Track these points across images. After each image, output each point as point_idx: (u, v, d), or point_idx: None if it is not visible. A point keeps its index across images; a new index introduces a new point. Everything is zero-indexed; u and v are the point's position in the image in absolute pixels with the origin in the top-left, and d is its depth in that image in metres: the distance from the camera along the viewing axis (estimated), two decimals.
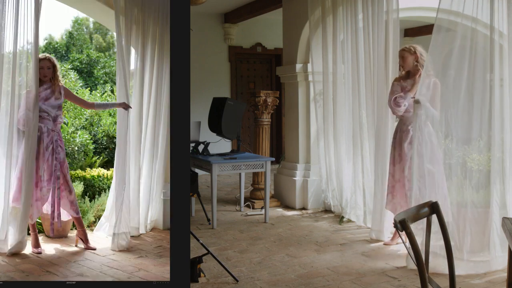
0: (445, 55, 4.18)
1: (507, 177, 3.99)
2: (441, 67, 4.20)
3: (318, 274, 4.00)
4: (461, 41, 4.07)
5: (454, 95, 4.16)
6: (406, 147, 4.54)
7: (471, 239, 4.07)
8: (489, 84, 4.00)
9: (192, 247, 4.10)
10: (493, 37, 3.98)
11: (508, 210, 3.96)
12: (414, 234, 2.04)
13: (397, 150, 4.63)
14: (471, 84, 4.08)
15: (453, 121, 4.15)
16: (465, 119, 4.12)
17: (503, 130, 4.00)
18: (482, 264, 3.97)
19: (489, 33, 4.00)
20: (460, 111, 4.12)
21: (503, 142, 4.00)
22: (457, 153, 4.15)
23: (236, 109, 5.91)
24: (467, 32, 4.04)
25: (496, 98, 4.00)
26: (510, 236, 2.58)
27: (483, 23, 4.03)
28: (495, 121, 3.99)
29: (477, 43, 4.04)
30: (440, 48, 4.16)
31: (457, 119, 4.13)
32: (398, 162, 4.62)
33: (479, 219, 4.07)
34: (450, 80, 4.19)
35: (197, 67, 9.02)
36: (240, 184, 6.44)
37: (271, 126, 7.60)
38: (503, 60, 3.99)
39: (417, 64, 4.50)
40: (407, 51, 4.54)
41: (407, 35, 10.73)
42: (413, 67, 4.53)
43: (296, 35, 6.52)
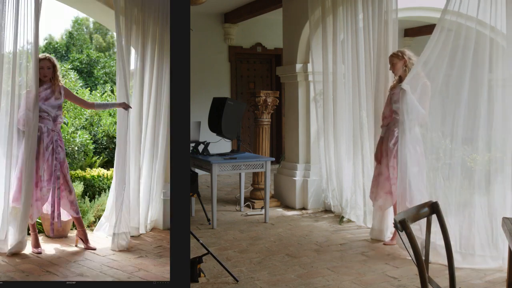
0: (445, 55, 4.18)
1: (507, 177, 3.99)
2: (441, 67, 4.20)
3: (318, 274, 4.00)
4: (461, 41, 4.08)
5: (454, 95, 4.17)
6: (391, 146, 4.63)
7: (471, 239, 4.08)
8: (489, 84, 4.00)
9: (192, 247, 4.10)
10: (493, 37, 3.98)
11: (507, 210, 3.96)
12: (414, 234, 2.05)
13: (384, 146, 4.72)
14: (471, 84, 4.09)
15: (453, 121, 4.16)
16: (465, 119, 4.12)
17: (503, 130, 4.00)
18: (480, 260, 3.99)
19: (488, 33, 4.00)
20: (460, 111, 4.13)
21: (503, 142, 4.00)
22: (457, 153, 4.15)
23: (236, 109, 5.91)
24: (467, 32, 4.05)
25: (496, 98, 4.00)
26: (510, 236, 2.58)
27: (483, 22, 4.03)
28: (495, 121, 3.99)
29: (477, 43, 4.04)
30: (441, 48, 4.17)
31: (457, 119, 4.14)
32: (384, 157, 4.71)
33: (479, 219, 4.08)
34: (450, 80, 4.20)
35: (197, 67, 9.02)
36: (240, 184, 6.44)
37: (271, 126, 7.60)
38: (503, 60, 3.99)
39: (406, 68, 4.58)
40: (395, 56, 4.64)
41: (407, 35, 10.73)
42: (402, 72, 4.61)
43: (296, 35, 6.52)
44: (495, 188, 4.02)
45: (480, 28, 4.04)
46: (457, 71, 4.12)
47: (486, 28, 4.01)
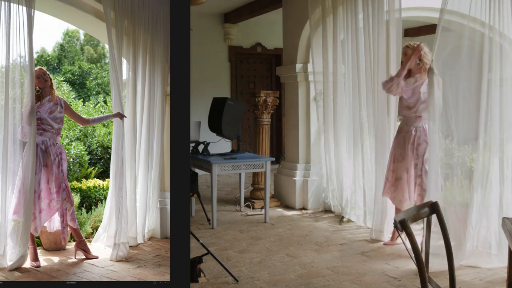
0: (445, 55, 4.18)
1: (506, 177, 3.99)
2: (441, 67, 4.20)
3: (318, 274, 4.00)
4: (460, 41, 4.07)
5: (454, 95, 4.17)
6: (409, 148, 4.52)
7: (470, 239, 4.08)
8: (488, 84, 4.00)
9: (192, 247, 4.10)
10: (493, 37, 3.98)
11: (507, 210, 3.96)
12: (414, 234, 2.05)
13: (399, 149, 4.62)
14: (471, 84, 4.08)
15: (453, 121, 4.16)
16: (465, 119, 4.12)
17: (503, 130, 4.00)
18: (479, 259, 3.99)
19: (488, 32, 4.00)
20: (460, 111, 4.13)
21: (503, 142, 4.00)
22: (457, 153, 4.15)
23: (236, 109, 5.91)
24: (467, 32, 4.04)
25: (496, 98, 4.00)
26: (510, 236, 2.58)
27: (482, 22, 4.03)
28: (495, 121, 3.99)
29: (476, 43, 4.04)
30: (441, 48, 4.16)
31: (457, 119, 4.13)
32: (399, 161, 4.61)
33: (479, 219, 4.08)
34: (450, 80, 4.20)
35: (197, 67, 9.02)
36: (240, 184, 6.44)
37: (271, 126, 7.60)
38: (503, 60, 3.99)
39: (420, 62, 4.49)
40: (410, 48, 4.53)
41: (407, 35, 10.73)
42: (415, 65, 4.52)
43: (296, 35, 6.52)
44: (495, 188, 4.01)
45: (479, 28, 4.04)
46: (456, 71, 4.11)
47: (485, 28, 4.01)
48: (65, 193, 4.13)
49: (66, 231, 4.15)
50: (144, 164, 4.75)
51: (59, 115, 4.17)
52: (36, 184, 3.95)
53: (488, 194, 4.03)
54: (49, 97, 4.15)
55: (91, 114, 6.14)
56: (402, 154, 4.59)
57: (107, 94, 4.43)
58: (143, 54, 4.68)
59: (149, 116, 4.74)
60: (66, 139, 5.58)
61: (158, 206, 4.90)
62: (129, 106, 4.63)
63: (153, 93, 4.73)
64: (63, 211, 4.10)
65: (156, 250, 4.52)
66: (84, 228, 4.66)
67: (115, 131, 4.42)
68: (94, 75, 12.72)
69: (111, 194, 4.47)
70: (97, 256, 4.22)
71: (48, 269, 3.93)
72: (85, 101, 7.44)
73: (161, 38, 4.65)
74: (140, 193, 4.76)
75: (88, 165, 5.58)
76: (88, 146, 5.78)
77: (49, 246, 4.38)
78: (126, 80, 4.64)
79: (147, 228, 4.81)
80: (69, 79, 12.18)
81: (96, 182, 5.20)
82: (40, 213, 4.03)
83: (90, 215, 4.81)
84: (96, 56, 14.62)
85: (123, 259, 4.19)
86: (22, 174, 3.87)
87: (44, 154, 4.05)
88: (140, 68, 4.68)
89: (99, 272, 3.92)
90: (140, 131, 4.73)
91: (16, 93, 3.88)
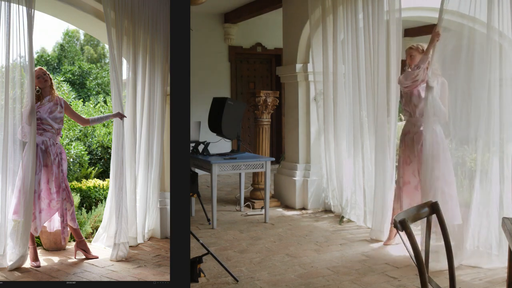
0: (445, 55, 4.18)
1: (506, 177, 3.99)
2: (441, 67, 4.20)
3: (318, 274, 4.00)
4: (460, 41, 4.07)
5: (453, 95, 4.17)
6: (419, 149, 4.39)
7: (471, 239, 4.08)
8: (488, 84, 4.00)
9: (192, 247, 4.10)
10: (493, 36, 3.98)
11: (507, 210, 3.96)
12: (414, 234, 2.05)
13: (408, 152, 4.51)
14: (471, 84, 4.08)
15: (453, 121, 4.16)
16: (464, 119, 4.12)
17: (503, 130, 4.00)
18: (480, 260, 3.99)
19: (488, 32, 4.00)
20: (460, 111, 4.13)
21: (503, 142, 4.00)
22: (457, 153, 4.15)
23: (236, 109, 5.91)
24: (466, 32, 4.04)
25: (495, 98, 4.00)
26: (510, 236, 2.58)
27: (482, 22, 4.03)
28: (495, 121, 3.99)
29: (476, 43, 4.04)
30: (441, 48, 4.17)
31: (457, 119, 4.14)
32: (408, 164, 4.52)
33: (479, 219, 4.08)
34: (450, 80, 4.20)
35: (197, 67, 9.02)
36: (240, 184, 6.44)
37: (271, 126, 7.60)
38: (502, 60, 3.99)
39: None
40: (415, 49, 4.47)
41: (407, 35, 10.73)
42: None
43: (296, 35, 6.51)
44: (495, 188, 4.01)
45: (480, 28, 4.04)
46: (457, 71, 4.11)
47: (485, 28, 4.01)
48: (65, 193, 4.13)
49: (66, 231, 4.15)
50: (144, 164, 4.75)
51: (59, 115, 4.17)
52: (36, 184, 3.95)
53: (488, 194, 4.03)
54: (49, 97, 4.15)
55: (91, 114, 6.15)
56: (411, 157, 4.49)
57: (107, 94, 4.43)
58: (143, 54, 4.68)
59: (149, 116, 4.74)
60: (66, 139, 5.59)
61: (158, 206, 4.90)
62: (129, 106, 4.63)
63: (153, 93, 4.73)
64: (63, 211, 4.10)
65: (156, 250, 4.52)
66: (84, 228, 4.65)
67: (115, 131, 4.42)
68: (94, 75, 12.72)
69: (111, 194, 4.47)
70: (97, 256, 4.22)
71: (48, 269, 3.93)
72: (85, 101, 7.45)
73: (161, 38, 4.65)
74: (140, 193, 4.75)
75: (88, 165, 5.58)
76: (88, 146, 5.78)
77: (49, 246, 4.38)
78: (126, 80, 4.65)
79: (147, 228, 4.81)
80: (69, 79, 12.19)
81: (96, 182, 5.20)
82: (40, 213, 4.03)
83: (90, 215, 4.81)
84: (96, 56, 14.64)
85: (123, 259, 4.19)
86: (22, 174, 3.87)
87: (44, 154, 4.05)
88: (140, 68, 4.68)
89: (99, 272, 3.92)
90: (140, 131, 4.73)
91: (16, 93, 3.88)
